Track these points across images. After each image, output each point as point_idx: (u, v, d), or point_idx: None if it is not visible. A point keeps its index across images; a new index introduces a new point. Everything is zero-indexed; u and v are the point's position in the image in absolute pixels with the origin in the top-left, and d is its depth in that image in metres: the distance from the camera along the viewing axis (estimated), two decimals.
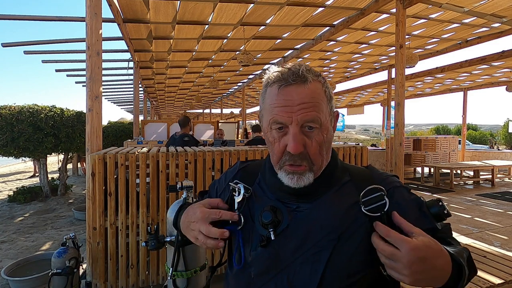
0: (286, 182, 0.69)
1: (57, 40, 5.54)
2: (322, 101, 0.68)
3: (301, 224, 0.69)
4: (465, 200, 6.07)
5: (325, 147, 0.69)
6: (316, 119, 0.66)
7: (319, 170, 0.71)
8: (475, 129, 26.50)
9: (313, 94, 0.67)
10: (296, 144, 0.65)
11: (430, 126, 56.98)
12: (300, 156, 0.67)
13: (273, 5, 4.40)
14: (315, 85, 0.68)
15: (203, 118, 25.92)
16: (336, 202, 0.70)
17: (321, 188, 0.72)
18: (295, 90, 0.66)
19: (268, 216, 0.69)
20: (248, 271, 0.71)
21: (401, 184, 0.75)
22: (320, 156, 0.69)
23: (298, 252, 0.67)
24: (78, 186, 7.94)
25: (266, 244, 0.68)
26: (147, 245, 1.72)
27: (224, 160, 2.81)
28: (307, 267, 0.65)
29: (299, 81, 0.66)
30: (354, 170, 0.78)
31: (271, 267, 0.68)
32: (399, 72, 3.87)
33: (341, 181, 0.74)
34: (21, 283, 2.59)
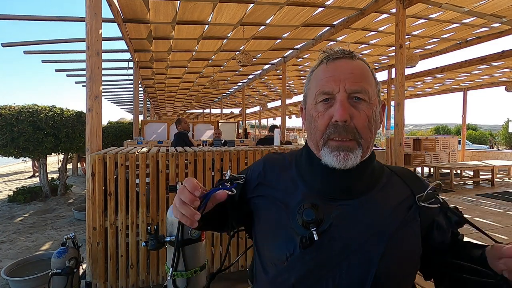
0: (330, 161, 0.63)
1: (57, 40, 5.54)
2: (370, 78, 0.67)
3: (345, 222, 0.63)
4: (465, 200, 6.07)
5: (373, 124, 0.65)
6: (365, 90, 0.63)
7: (366, 151, 0.66)
8: (475, 129, 26.50)
9: (362, 68, 0.66)
10: (343, 110, 0.61)
11: (430, 126, 56.99)
12: (346, 128, 0.62)
13: (273, 5, 4.40)
14: (361, 63, 0.67)
15: (203, 118, 25.93)
16: (384, 198, 0.66)
17: (367, 182, 0.67)
18: (344, 62, 0.65)
19: (311, 214, 0.62)
20: (286, 276, 0.63)
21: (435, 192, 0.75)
22: (369, 132, 0.64)
23: (343, 254, 0.60)
24: (78, 186, 7.94)
25: (309, 245, 0.61)
26: (147, 245, 1.72)
27: (224, 160, 2.81)
28: (355, 270, 0.59)
29: (347, 56, 0.66)
30: (392, 167, 0.76)
31: (313, 271, 0.61)
32: (399, 72, 3.87)
33: (384, 177, 0.71)
34: (21, 283, 2.59)
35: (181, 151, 2.72)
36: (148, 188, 2.63)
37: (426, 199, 0.67)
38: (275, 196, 0.70)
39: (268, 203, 0.71)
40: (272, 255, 0.66)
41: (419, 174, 9.00)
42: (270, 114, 24.47)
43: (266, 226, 0.70)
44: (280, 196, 0.70)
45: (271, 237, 0.68)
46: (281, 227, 0.66)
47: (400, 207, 0.66)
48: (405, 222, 0.65)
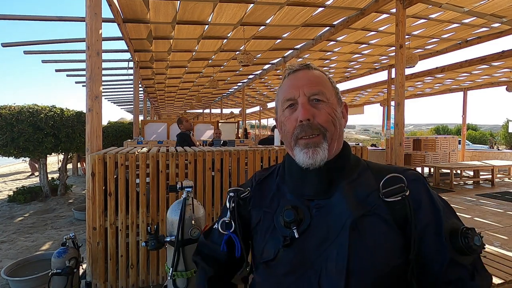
0: (302, 159, 0.71)
1: (57, 40, 5.54)
2: (326, 83, 0.76)
3: (321, 219, 0.69)
4: (465, 200, 6.07)
5: (336, 120, 0.73)
6: (321, 93, 0.73)
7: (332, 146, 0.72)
8: (475, 129, 26.50)
9: (317, 76, 0.76)
10: (304, 111, 0.70)
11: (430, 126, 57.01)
12: (310, 125, 0.70)
13: (273, 5, 4.40)
14: (319, 72, 0.77)
15: (203, 118, 25.93)
16: (353, 192, 0.70)
17: (336, 179, 0.72)
18: (301, 73, 0.76)
19: (290, 215, 0.69)
20: (275, 272, 0.70)
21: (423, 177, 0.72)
22: (333, 126, 0.72)
23: (321, 247, 0.66)
24: (78, 186, 7.94)
25: (290, 244, 0.68)
26: (147, 245, 1.72)
27: (224, 160, 2.81)
28: (333, 264, 0.64)
29: (305, 68, 0.77)
30: (370, 162, 0.78)
31: (297, 266, 0.67)
32: (399, 72, 3.87)
33: (357, 171, 0.74)
34: (21, 283, 2.59)
35: (181, 151, 2.72)
36: (148, 188, 2.63)
37: (390, 194, 0.67)
38: (263, 205, 0.79)
39: (259, 211, 0.79)
40: (263, 255, 0.74)
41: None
42: (270, 114, 24.47)
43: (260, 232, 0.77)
44: (267, 203, 0.78)
45: (262, 239, 0.75)
46: (269, 230, 0.74)
47: (365, 201, 0.68)
48: (367, 215, 0.66)
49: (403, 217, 0.66)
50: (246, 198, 0.83)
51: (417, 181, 0.70)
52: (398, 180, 0.67)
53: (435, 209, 0.67)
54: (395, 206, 0.66)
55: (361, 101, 15.72)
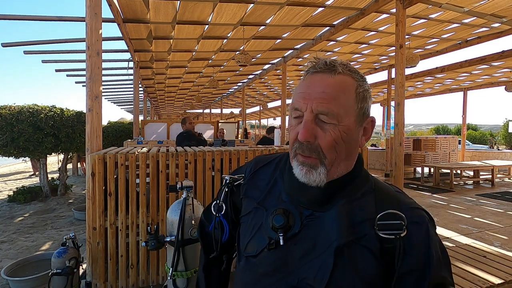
0: (297, 173, 0.66)
1: (57, 40, 5.54)
2: (346, 96, 0.63)
3: (312, 231, 0.65)
4: (465, 200, 6.07)
5: (341, 146, 0.63)
6: (332, 113, 0.62)
7: (335, 170, 0.65)
8: (475, 129, 26.51)
9: (337, 86, 0.63)
10: (305, 131, 0.62)
11: (430, 126, 57.02)
12: (309, 147, 0.63)
13: (273, 5, 4.40)
14: (343, 78, 0.64)
15: (203, 118, 25.93)
16: (349, 214, 0.65)
17: (337, 195, 0.67)
18: (319, 78, 0.64)
19: (280, 220, 0.66)
20: (255, 269, 0.70)
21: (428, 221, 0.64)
22: (335, 153, 0.63)
23: (304, 259, 0.64)
24: (78, 186, 7.94)
25: (275, 247, 0.66)
26: (147, 245, 1.72)
27: (224, 160, 2.81)
28: (311, 276, 0.62)
29: (326, 70, 0.64)
30: (379, 183, 0.71)
31: (278, 270, 0.66)
32: (399, 72, 3.87)
33: (361, 191, 0.68)
34: (21, 283, 2.59)
35: (181, 151, 2.72)
36: (148, 188, 2.63)
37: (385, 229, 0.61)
38: (257, 197, 0.75)
39: (250, 203, 0.76)
40: (247, 249, 0.72)
41: (419, 174, 9.03)
42: (270, 114, 24.47)
43: (247, 223, 0.75)
44: (261, 197, 0.74)
45: (249, 233, 0.73)
46: (257, 226, 0.72)
47: (358, 226, 0.63)
48: (355, 243, 0.62)
49: (391, 256, 0.61)
50: (239, 185, 0.81)
51: (419, 225, 0.63)
52: (398, 217, 0.61)
53: (427, 256, 0.61)
54: (385, 242, 0.61)
55: None
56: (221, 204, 0.82)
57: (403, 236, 0.60)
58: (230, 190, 0.82)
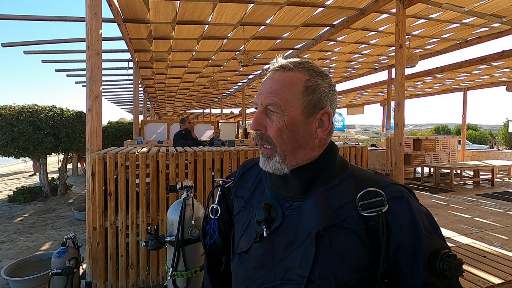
0: (260, 164, 0.73)
1: (57, 40, 5.54)
2: (291, 89, 0.69)
3: (293, 221, 0.69)
4: (465, 200, 6.07)
5: (288, 134, 0.68)
6: (275, 103, 0.68)
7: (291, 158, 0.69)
8: (475, 129, 26.51)
9: (283, 81, 0.69)
10: (255, 121, 0.71)
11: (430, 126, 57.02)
12: (261, 136, 0.71)
13: (273, 5, 4.40)
14: (292, 74, 0.70)
15: (203, 118, 25.93)
16: (329, 199, 0.68)
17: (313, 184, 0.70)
18: (271, 76, 0.72)
19: (261, 214, 0.71)
20: (246, 264, 0.73)
21: (409, 196, 0.67)
22: (283, 141, 0.69)
23: (289, 249, 0.67)
24: (78, 186, 7.94)
25: (260, 240, 0.70)
26: (147, 245, 1.72)
27: (224, 160, 2.81)
28: (296, 265, 0.65)
29: (279, 69, 0.71)
30: (358, 170, 0.74)
31: (265, 262, 0.70)
32: (399, 72, 3.87)
33: (340, 177, 0.71)
34: (21, 283, 2.59)
35: (181, 151, 2.72)
36: (148, 188, 2.63)
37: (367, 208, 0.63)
38: (244, 197, 0.81)
39: (239, 203, 0.82)
40: (238, 246, 0.77)
41: (419, 174, 9.04)
42: None
43: (238, 222, 0.80)
44: (248, 196, 0.80)
45: (239, 231, 0.78)
46: (246, 223, 0.77)
47: (339, 211, 0.66)
48: (337, 226, 0.64)
49: (377, 233, 0.63)
50: (230, 187, 0.87)
51: (399, 199, 0.65)
52: (378, 194, 0.64)
53: (414, 228, 0.62)
54: (369, 221, 0.63)
55: (361, 101, 15.72)
56: (216, 207, 0.86)
57: (385, 211, 0.62)
58: (222, 192, 0.87)
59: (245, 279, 0.73)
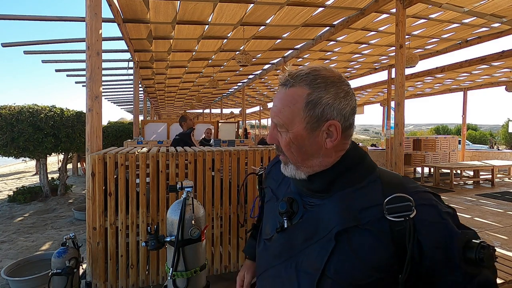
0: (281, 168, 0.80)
1: (57, 40, 5.54)
2: (292, 107, 0.71)
3: (313, 217, 0.72)
4: (465, 200, 6.07)
5: (294, 148, 0.73)
6: (279, 123, 0.73)
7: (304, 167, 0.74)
8: (475, 129, 26.52)
9: (285, 100, 0.72)
10: (269, 136, 0.77)
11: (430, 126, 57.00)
12: (277, 148, 0.77)
13: (273, 5, 4.40)
14: (293, 91, 0.71)
15: (203, 118, 25.93)
16: (353, 200, 0.69)
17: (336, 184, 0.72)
18: (277, 93, 0.76)
19: (283, 206, 0.76)
20: (268, 251, 0.80)
21: (437, 202, 0.67)
22: (292, 153, 0.74)
23: (306, 243, 0.71)
24: (78, 186, 7.94)
25: (280, 231, 0.76)
26: (147, 245, 1.72)
27: (224, 160, 2.81)
28: (312, 259, 0.68)
29: (282, 85, 0.74)
30: (385, 173, 0.74)
31: (283, 252, 0.74)
32: (399, 72, 3.87)
33: (364, 181, 0.72)
34: (21, 283, 2.59)
35: (181, 151, 2.72)
36: (148, 188, 2.63)
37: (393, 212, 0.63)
38: (273, 188, 0.90)
39: (269, 193, 0.91)
40: (264, 232, 0.84)
41: (419, 174, 9.02)
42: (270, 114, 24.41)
43: (267, 211, 0.89)
44: (276, 188, 0.88)
45: (267, 218, 0.86)
46: (272, 213, 0.83)
47: (363, 213, 0.66)
48: (360, 228, 0.65)
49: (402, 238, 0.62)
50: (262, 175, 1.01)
51: (427, 206, 0.65)
52: (406, 200, 0.63)
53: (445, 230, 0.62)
54: (395, 226, 0.63)
55: (361, 101, 15.71)
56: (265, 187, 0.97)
57: (413, 217, 0.62)
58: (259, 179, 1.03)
59: (266, 264, 0.79)
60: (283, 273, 0.73)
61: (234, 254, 2.87)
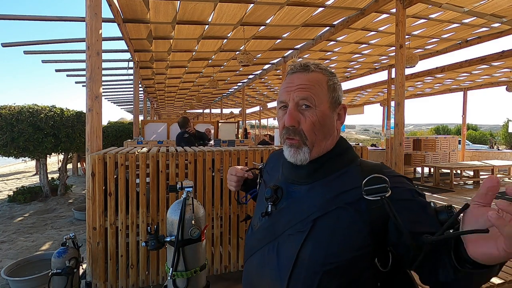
0: (286, 155, 0.81)
1: (57, 40, 5.54)
2: (319, 87, 0.78)
3: (296, 202, 0.78)
4: (465, 200, 6.06)
5: (319, 127, 0.77)
6: (310, 98, 0.76)
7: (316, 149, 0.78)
8: (475, 129, 26.51)
9: (311, 80, 0.78)
10: (290, 117, 0.77)
11: (430, 126, 57.00)
12: (293, 130, 0.78)
13: (273, 5, 4.40)
14: (316, 75, 0.79)
15: (203, 118, 25.93)
16: (332, 187, 0.75)
17: (320, 171, 0.78)
18: (297, 76, 0.80)
19: (268, 192, 0.82)
20: (253, 236, 0.85)
21: (410, 186, 0.72)
22: (314, 134, 0.77)
23: (287, 226, 0.75)
24: (78, 186, 7.94)
25: (265, 215, 0.81)
26: (147, 245, 1.72)
27: (224, 160, 2.81)
28: (290, 241, 0.73)
29: (302, 70, 0.80)
30: (365, 161, 0.81)
31: (267, 236, 0.79)
32: (399, 72, 3.87)
33: (347, 168, 0.78)
34: (21, 283, 2.59)
35: (181, 151, 2.72)
36: (148, 188, 2.63)
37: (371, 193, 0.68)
38: (266, 179, 0.97)
39: (262, 184, 0.98)
40: (254, 218, 0.90)
41: (419, 174, 9.02)
42: (270, 114, 24.46)
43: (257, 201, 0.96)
44: (268, 180, 0.95)
45: (256, 208, 0.94)
46: (261, 201, 0.90)
47: (342, 195, 0.72)
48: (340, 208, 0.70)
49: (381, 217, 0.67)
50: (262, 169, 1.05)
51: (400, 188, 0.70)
52: (382, 181, 0.68)
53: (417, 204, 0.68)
54: (372, 204, 0.68)
55: (361, 101, 15.72)
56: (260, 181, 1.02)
57: (388, 196, 0.67)
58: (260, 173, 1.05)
59: (251, 248, 0.84)
60: (266, 255, 0.77)
61: (234, 254, 2.87)
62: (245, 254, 0.88)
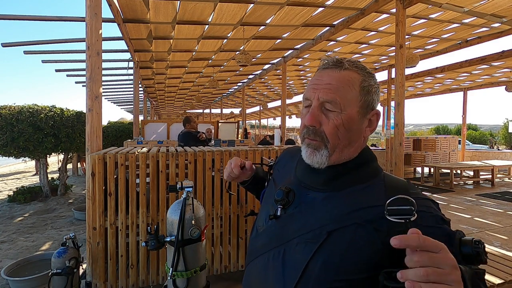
0: (303, 155, 0.75)
1: (57, 40, 5.54)
2: (349, 88, 0.70)
3: (308, 210, 0.71)
4: (465, 200, 6.06)
5: (343, 132, 0.70)
6: (335, 102, 0.69)
7: (337, 154, 0.71)
8: (475, 129, 26.52)
9: (342, 79, 0.70)
10: (311, 117, 0.70)
11: (430, 126, 57.03)
12: (314, 131, 0.71)
13: (273, 5, 4.40)
14: (348, 73, 0.71)
15: (203, 118, 25.93)
16: (352, 200, 0.68)
17: (340, 180, 0.72)
18: (327, 73, 0.72)
19: (279, 194, 0.75)
20: (258, 238, 0.78)
21: (436, 212, 0.67)
22: (337, 138, 0.70)
23: (296, 233, 0.70)
24: (78, 186, 7.94)
25: (273, 218, 0.75)
26: (147, 245, 1.72)
27: (224, 160, 2.81)
28: (300, 250, 0.67)
29: (334, 66, 0.72)
30: (390, 177, 0.74)
31: (273, 240, 0.73)
32: (399, 72, 3.87)
33: (368, 182, 0.72)
34: (21, 283, 2.59)
35: (181, 151, 2.72)
36: (148, 188, 2.63)
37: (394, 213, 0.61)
38: (276, 178, 0.89)
39: (271, 182, 0.91)
40: (259, 219, 0.83)
41: (419, 174, 9.02)
42: (270, 114, 24.46)
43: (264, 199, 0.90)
44: (278, 178, 0.88)
45: (262, 207, 0.87)
46: (268, 201, 0.83)
47: (361, 211, 0.66)
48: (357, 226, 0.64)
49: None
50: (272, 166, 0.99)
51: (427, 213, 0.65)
52: (409, 203, 0.61)
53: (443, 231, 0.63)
54: (396, 227, 0.60)
55: None
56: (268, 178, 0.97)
57: (413, 220, 0.60)
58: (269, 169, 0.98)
59: (254, 251, 0.78)
60: (270, 261, 0.72)
61: (234, 254, 2.87)
62: (248, 256, 0.82)
